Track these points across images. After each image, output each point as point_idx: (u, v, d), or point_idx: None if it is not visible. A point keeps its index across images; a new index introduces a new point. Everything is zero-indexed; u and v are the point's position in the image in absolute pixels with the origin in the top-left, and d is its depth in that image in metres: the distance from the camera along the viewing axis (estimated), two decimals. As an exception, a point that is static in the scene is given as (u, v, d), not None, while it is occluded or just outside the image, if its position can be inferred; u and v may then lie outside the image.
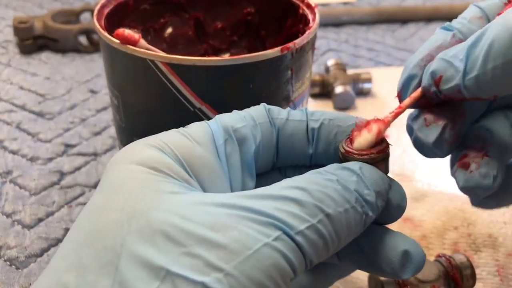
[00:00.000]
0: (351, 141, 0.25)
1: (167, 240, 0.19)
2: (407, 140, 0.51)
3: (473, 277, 0.34)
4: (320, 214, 0.21)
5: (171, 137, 0.24)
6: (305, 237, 0.21)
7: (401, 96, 0.28)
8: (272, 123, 0.26)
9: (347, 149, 0.25)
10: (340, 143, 0.26)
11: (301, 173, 0.26)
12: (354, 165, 0.24)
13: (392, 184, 0.25)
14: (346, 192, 0.22)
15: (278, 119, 0.26)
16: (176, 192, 0.21)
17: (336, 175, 0.23)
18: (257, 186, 0.25)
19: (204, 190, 0.23)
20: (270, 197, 0.21)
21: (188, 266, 0.19)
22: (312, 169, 0.26)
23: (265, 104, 0.27)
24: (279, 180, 0.26)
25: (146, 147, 0.23)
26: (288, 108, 0.27)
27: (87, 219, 0.21)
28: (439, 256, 0.35)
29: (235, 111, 0.26)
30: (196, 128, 0.25)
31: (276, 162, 0.27)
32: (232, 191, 0.24)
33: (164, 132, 0.25)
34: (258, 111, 0.26)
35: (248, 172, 0.25)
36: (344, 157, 0.25)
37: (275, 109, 0.27)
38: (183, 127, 0.25)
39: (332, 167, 0.24)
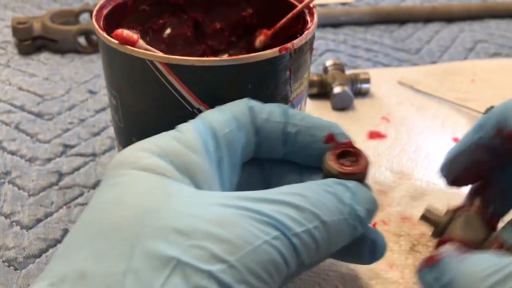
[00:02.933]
0: (337, 157, 0.27)
1: (178, 234, 0.21)
2: (405, 139, 0.51)
3: None
4: (316, 221, 0.24)
5: (168, 144, 0.26)
6: (300, 239, 0.23)
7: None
8: (253, 123, 0.28)
9: (340, 170, 0.27)
10: (325, 158, 0.27)
11: (277, 166, 0.30)
12: (350, 182, 0.26)
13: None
14: (341, 204, 0.25)
15: (258, 119, 0.28)
16: (183, 193, 0.23)
17: (333, 188, 0.25)
18: (240, 176, 0.28)
19: None
20: (273, 201, 0.23)
21: (196, 256, 0.21)
22: (286, 164, 0.30)
23: (247, 100, 0.29)
24: (258, 170, 0.30)
25: (149, 154, 0.25)
26: (269, 105, 0.29)
27: (100, 214, 0.23)
28: None
29: (219, 110, 0.28)
30: (189, 135, 0.26)
31: (253, 154, 0.29)
32: (223, 190, 0.26)
33: (158, 137, 0.26)
34: (241, 110, 0.28)
35: (235, 171, 0.28)
36: (334, 176, 0.27)
37: (256, 107, 0.29)
38: (175, 129, 0.27)
39: (330, 181, 0.26)
